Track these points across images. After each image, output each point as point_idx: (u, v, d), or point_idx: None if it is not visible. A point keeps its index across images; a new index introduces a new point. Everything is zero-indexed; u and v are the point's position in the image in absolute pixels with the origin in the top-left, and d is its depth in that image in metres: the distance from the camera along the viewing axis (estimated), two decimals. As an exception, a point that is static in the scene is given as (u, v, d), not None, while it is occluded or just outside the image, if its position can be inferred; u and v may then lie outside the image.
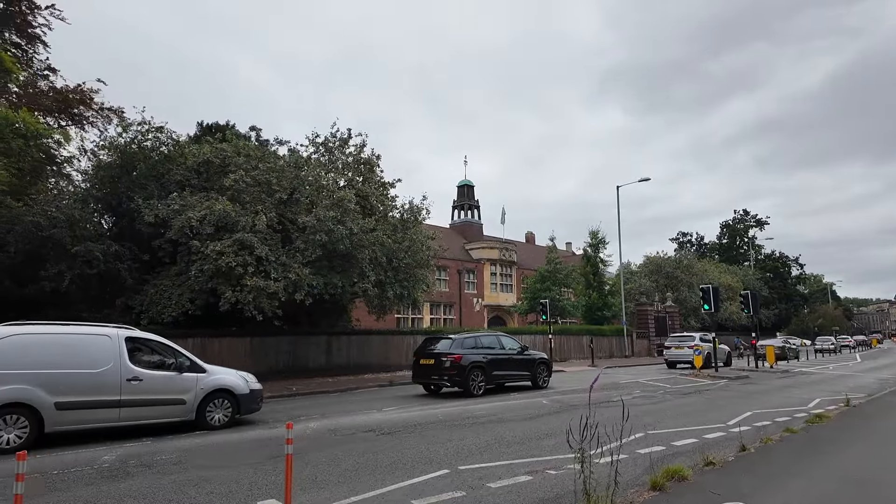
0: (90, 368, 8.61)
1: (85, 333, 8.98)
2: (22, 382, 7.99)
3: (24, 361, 8.11)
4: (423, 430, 8.96)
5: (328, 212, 16.58)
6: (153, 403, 9.15)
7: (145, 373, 9.10)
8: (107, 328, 9.29)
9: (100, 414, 8.63)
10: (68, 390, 8.33)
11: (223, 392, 9.91)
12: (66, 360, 8.46)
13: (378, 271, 18.50)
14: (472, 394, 14.11)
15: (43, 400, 8.07)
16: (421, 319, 43.01)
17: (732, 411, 11.29)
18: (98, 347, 8.82)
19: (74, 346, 8.71)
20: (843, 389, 15.89)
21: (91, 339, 8.89)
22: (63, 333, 8.83)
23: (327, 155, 20.14)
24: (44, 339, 8.53)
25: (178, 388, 9.43)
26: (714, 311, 20.76)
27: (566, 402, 12.68)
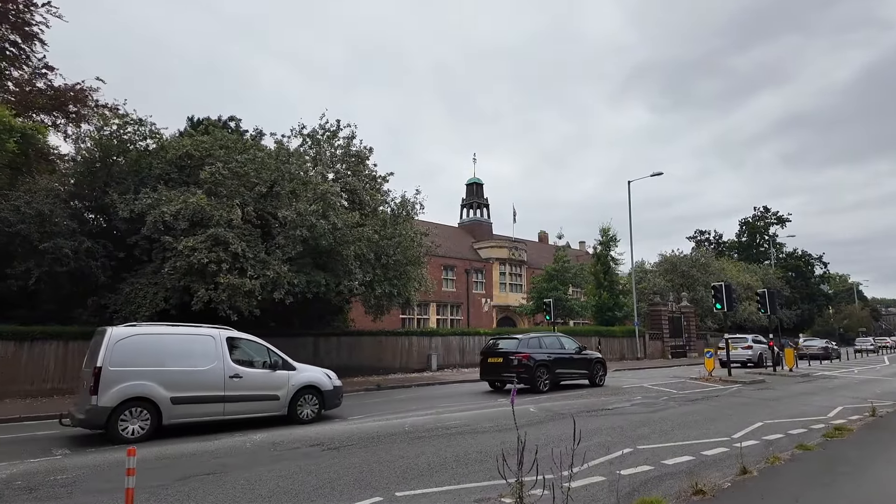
0: (198, 366, 9.33)
1: (192, 334, 9.72)
2: (143, 379, 8.75)
3: (144, 360, 8.88)
4: (378, 444, 7.92)
5: (309, 205, 15.70)
6: (252, 399, 9.80)
7: (244, 370, 9.79)
8: (209, 329, 9.99)
9: (208, 408, 9.35)
10: (181, 386, 9.05)
11: (311, 388, 10.62)
12: (178, 359, 9.21)
13: (366, 269, 17.56)
14: (539, 390, 15.04)
15: (161, 395, 8.81)
16: (427, 320, 42.05)
17: (741, 422, 10.05)
18: (203, 347, 9.56)
19: (184, 345, 9.46)
20: (868, 396, 14.48)
21: (197, 339, 9.63)
22: (174, 334, 9.59)
23: (315, 147, 19.27)
24: (159, 340, 9.31)
25: (272, 385, 10.12)
26: (727, 310, 19.38)
27: (556, 409, 11.53)
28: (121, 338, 8.83)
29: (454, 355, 24.14)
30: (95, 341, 9.08)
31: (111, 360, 8.56)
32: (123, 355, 8.71)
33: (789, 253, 58.81)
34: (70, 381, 14.38)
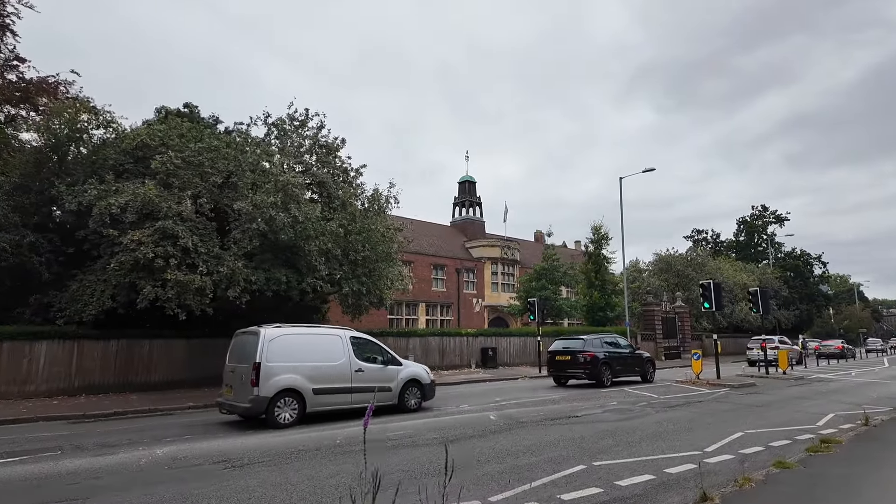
0: (331, 362, 10.75)
1: (323, 334, 11.29)
2: (292, 373, 10.08)
3: (291, 356, 10.21)
4: (294, 460, 6.92)
5: (267, 197, 14.71)
6: (371, 390, 10.70)
7: (365, 365, 11.23)
8: (336, 329, 11.78)
9: (339, 398, 10.73)
10: (319, 379, 10.43)
11: (414, 382, 12.09)
12: (316, 356, 10.61)
13: (333, 265, 16.57)
14: (603, 384, 16.58)
15: (306, 387, 10.20)
16: (416, 320, 41.06)
17: (719, 432, 9.05)
18: (333, 345, 11.00)
19: (319, 343, 10.89)
20: (864, 401, 13.47)
21: (328, 339, 11.12)
22: (309, 334, 11.10)
23: (281, 137, 18.29)
24: (299, 339, 10.69)
25: (386, 378, 11.57)
26: (715, 309, 18.38)
27: (517, 417, 10.53)
28: (273, 337, 10.20)
29: (433, 357, 23.11)
30: (246, 340, 10.51)
31: (267, 356, 9.90)
32: (275, 352, 10.03)
33: (788, 252, 57.62)
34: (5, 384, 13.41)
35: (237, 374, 10.31)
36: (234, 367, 10.53)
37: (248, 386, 9.71)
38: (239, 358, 10.51)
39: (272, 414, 9.75)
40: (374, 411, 9.32)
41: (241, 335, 10.96)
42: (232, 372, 10.56)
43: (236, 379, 10.29)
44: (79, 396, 14.06)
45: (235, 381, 10.30)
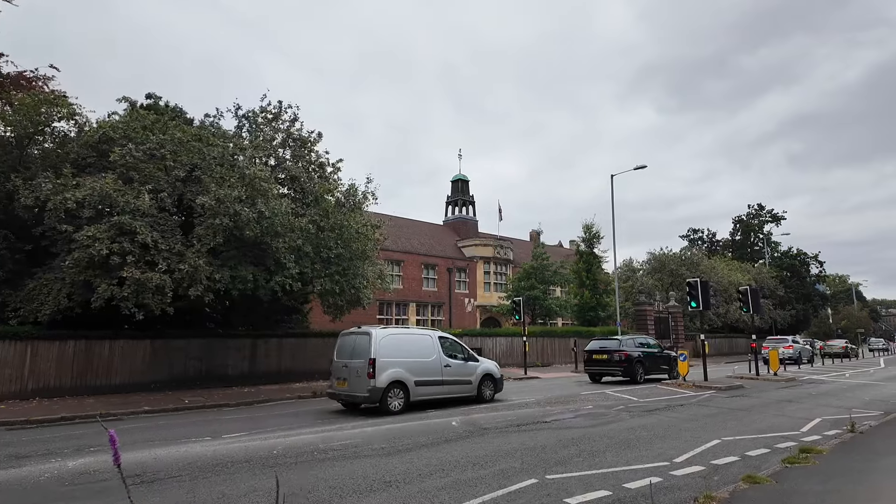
0: (425, 358, 12.41)
1: (417, 333, 13.08)
2: (399, 367, 11.72)
3: (396, 353, 11.81)
4: (213, 475, 6.26)
5: (232, 191, 14.07)
6: (457, 383, 12.93)
7: (451, 361, 12.92)
8: (427, 330, 13.73)
9: (433, 389, 12.43)
10: (419, 373, 12.09)
11: (489, 376, 13.72)
12: (414, 353, 12.23)
13: (304, 263, 15.94)
14: (637, 381, 17.83)
15: (409, 379, 11.83)
16: (406, 320, 40.42)
17: (694, 440, 8.42)
18: (426, 343, 12.69)
19: (415, 342, 12.55)
20: (855, 405, 12.86)
21: (422, 338, 12.86)
22: (407, 334, 12.77)
23: (253, 130, 17.68)
24: (401, 338, 12.30)
25: (467, 372, 13.25)
26: (703, 308, 17.77)
27: (481, 423, 9.88)
28: (382, 337, 11.79)
29: (415, 358, 22.45)
30: (357, 339, 12.00)
31: (379, 353, 11.45)
32: (384, 350, 11.59)
33: (784, 252, 56.83)
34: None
35: (351, 368, 11.72)
36: (346, 363, 11.94)
37: (366, 378, 11.26)
38: (351, 354, 11.97)
39: (385, 402, 11.40)
40: (458, 401, 12.84)
41: (350, 335, 12.47)
42: (345, 367, 11.92)
43: (351, 373, 11.68)
44: (31, 400, 13.40)
45: (350, 374, 11.69)
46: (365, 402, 11.53)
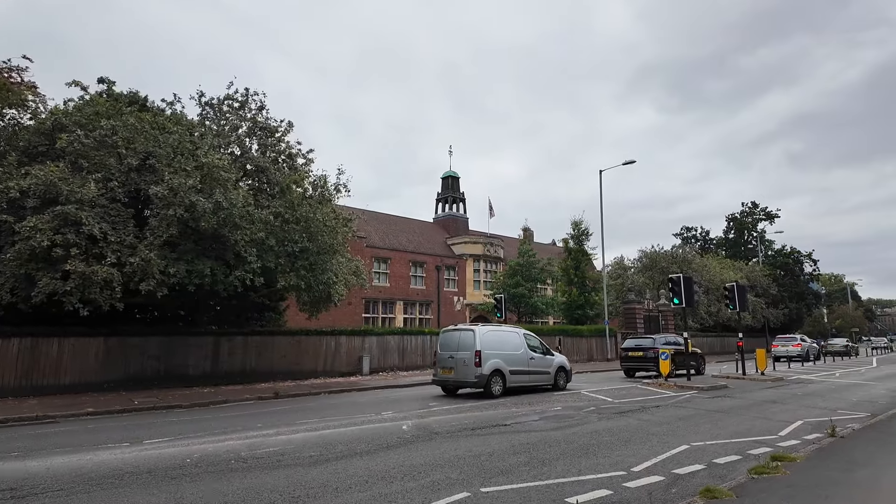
0: (515, 351, 14.50)
1: (508, 331, 15.25)
2: (497, 359, 13.83)
3: (494, 347, 13.98)
4: (99, 489, 5.49)
5: (186, 180, 13.32)
6: (538, 373, 14.90)
7: (534, 354, 14.95)
8: (515, 327, 16.04)
9: (523, 378, 14.42)
10: (512, 363, 14.14)
11: (562, 368, 15.63)
12: (507, 346, 14.38)
13: (267, 257, 15.21)
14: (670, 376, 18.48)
15: (506, 369, 13.90)
16: (393, 319, 39.69)
17: (661, 445, 7.72)
18: (515, 339, 14.87)
19: (507, 338, 14.75)
20: (841, 406, 12.20)
21: (512, 334, 15.05)
22: (500, 330, 15.02)
23: (217, 118, 16.93)
24: (496, 334, 14.56)
25: (546, 364, 15.16)
26: (686, 305, 17.10)
27: (435, 427, 9.16)
28: (484, 332, 14.14)
29: (392, 357, 21.71)
30: (461, 334, 14.29)
31: (482, 346, 13.66)
32: (486, 344, 13.81)
33: (778, 250, 56.24)
34: None
35: (458, 359, 13.87)
36: (451, 355, 14.05)
37: (473, 367, 13.44)
38: (456, 347, 14.07)
39: (489, 387, 13.57)
40: (536, 389, 14.77)
41: (454, 331, 14.72)
42: (450, 358, 14.02)
43: (458, 363, 13.83)
44: (-32, 401, 12.64)
45: (457, 364, 13.85)
46: (472, 387, 13.71)
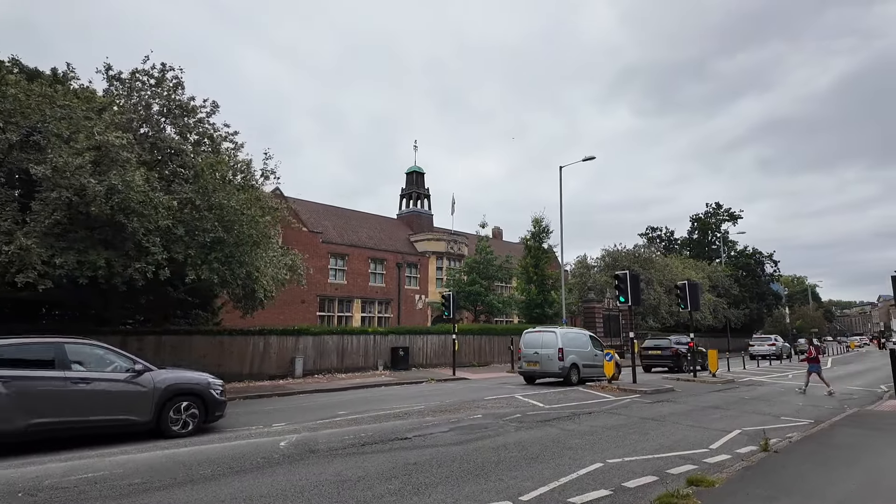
0: (584, 349, 17.97)
1: (578, 332, 18.82)
2: (574, 355, 17.21)
3: (570, 344, 17.30)
4: None
5: (74, 159, 11.78)
6: (592, 367, 17.67)
7: (596, 351, 18.23)
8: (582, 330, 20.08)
9: (590, 371, 17.55)
10: (583, 358, 17.55)
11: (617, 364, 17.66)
12: (578, 344, 17.79)
13: (177, 248, 13.73)
14: (683, 370, 21.67)
15: (579, 363, 17.23)
16: (350, 318, 38.25)
17: (572, 462, 6.67)
18: (583, 338, 18.43)
19: (578, 338, 18.20)
20: (786, 411, 11.42)
21: (581, 335, 18.63)
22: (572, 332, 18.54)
23: (127, 95, 15.34)
24: (571, 335, 17.94)
25: (599, 361, 17.52)
26: (632, 304, 16.26)
27: (316, 442, 7.92)
28: (563, 333, 17.36)
29: (329, 358, 20.32)
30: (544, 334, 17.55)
31: (563, 344, 16.80)
32: (565, 342, 16.93)
33: (740, 251, 56.68)
34: None
35: (542, 354, 16.92)
36: (536, 351, 17.16)
37: (556, 361, 16.53)
38: (540, 345, 17.18)
39: (568, 377, 16.68)
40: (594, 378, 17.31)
41: (535, 332, 18.00)
42: (535, 353, 17.12)
43: (542, 358, 16.87)
44: None
45: (542, 359, 16.90)
46: (555, 377, 16.91)
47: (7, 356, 7.62)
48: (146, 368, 8.70)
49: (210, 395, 9.18)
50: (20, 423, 7.31)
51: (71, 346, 8.32)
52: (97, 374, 8.22)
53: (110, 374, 8.38)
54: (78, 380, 7.94)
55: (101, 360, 8.53)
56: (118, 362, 8.63)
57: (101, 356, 8.59)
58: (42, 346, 8.15)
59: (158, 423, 8.52)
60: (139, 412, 8.35)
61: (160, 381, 8.71)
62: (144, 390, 8.45)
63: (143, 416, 8.40)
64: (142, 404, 8.39)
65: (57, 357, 8.02)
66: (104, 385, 8.18)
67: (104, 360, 8.55)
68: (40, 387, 7.62)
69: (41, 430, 7.53)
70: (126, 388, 8.36)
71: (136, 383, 8.44)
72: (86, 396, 7.95)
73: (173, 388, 8.81)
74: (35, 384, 7.60)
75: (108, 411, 8.18)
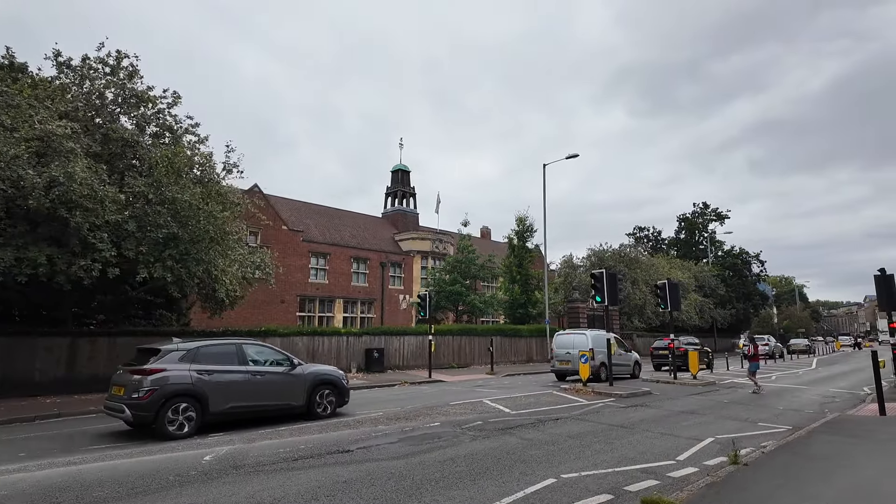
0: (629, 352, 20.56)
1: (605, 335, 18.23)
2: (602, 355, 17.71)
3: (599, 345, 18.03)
4: None
5: (9, 149, 11.02)
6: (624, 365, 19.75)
7: (622, 352, 19.90)
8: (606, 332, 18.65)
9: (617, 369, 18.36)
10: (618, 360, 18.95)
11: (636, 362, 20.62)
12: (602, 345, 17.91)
13: (128, 244, 12.98)
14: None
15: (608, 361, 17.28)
16: (332, 318, 37.48)
17: (522, 479, 6.04)
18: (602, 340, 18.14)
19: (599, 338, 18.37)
20: (764, 416, 10.89)
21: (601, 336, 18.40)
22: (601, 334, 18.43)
23: (79, 83, 14.57)
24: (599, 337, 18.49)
25: (628, 359, 20.13)
26: (608, 304, 15.71)
27: (246, 456, 7.23)
28: (593, 336, 18.59)
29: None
30: (575, 337, 19.17)
31: (593, 345, 17.89)
32: (595, 343, 18.08)
33: (727, 251, 56.45)
34: None
35: (574, 355, 17.81)
36: (568, 351, 18.42)
37: (588, 359, 16.44)
38: (571, 346, 18.40)
39: (598, 375, 17.57)
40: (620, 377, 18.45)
41: (566, 335, 19.81)
42: (567, 353, 18.38)
43: (573, 357, 17.73)
44: None
45: (573, 358, 17.76)
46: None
47: (206, 354, 9.37)
48: (299, 363, 10.66)
49: (342, 385, 11.12)
50: (224, 406, 9.22)
51: (247, 346, 10.21)
52: (267, 368, 10.09)
53: (275, 368, 10.22)
54: (255, 373, 9.81)
55: (267, 356, 10.35)
56: (279, 358, 10.48)
57: (268, 353, 10.46)
58: (228, 346, 9.94)
59: (308, 407, 10.38)
60: (296, 398, 10.26)
61: (308, 374, 10.59)
62: (299, 381, 10.35)
63: (298, 402, 10.29)
64: (297, 392, 10.29)
65: (238, 355, 9.82)
66: (272, 377, 10.06)
67: (269, 357, 10.37)
68: (232, 378, 9.43)
69: (234, 412, 9.42)
70: (286, 379, 10.23)
71: (292, 375, 10.33)
72: (262, 386, 9.83)
73: (318, 379, 10.69)
74: (229, 376, 9.42)
75: (276, 398, 10.06)
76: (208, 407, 8.96)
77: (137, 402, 8.40)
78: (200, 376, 9.01)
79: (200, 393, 8.92)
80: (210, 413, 8.98)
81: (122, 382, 8.83)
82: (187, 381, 8.82)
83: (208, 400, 8.98)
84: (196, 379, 8.93)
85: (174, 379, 8.72)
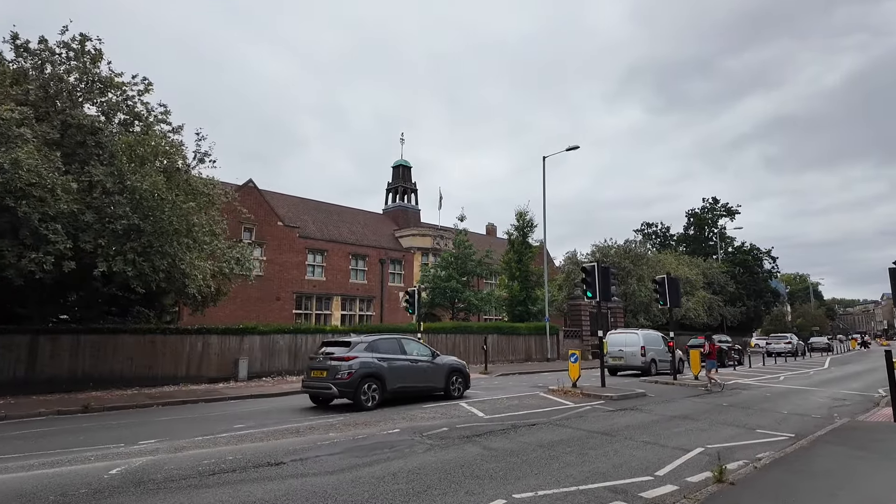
0: (658, 346, 20.75)
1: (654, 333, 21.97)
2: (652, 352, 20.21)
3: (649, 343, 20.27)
4: None
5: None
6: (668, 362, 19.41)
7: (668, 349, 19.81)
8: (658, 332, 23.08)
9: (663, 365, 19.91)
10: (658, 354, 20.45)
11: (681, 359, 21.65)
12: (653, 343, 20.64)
13: (86, 236, 12.27)
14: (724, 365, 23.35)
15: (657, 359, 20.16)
16: (329, 316, 36.81)
17: (464, 500, 5.14)
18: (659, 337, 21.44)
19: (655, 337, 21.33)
20: (765, 423, 9.89)
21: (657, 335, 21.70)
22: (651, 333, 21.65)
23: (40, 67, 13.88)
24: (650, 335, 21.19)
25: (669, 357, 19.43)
26: (601, 299, 14.74)
27: (160, 469, 6.40)
28: (644, 334, 20.76)
29: (280, 360, 18.77)
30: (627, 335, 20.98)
31: (644, 343, 19.99)
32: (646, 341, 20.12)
33: (737, 247, 54.89)
34: None
35: (626, 352, 19.85)
36: (620, 349, 20.10)
37: (639, 357, 19.38)
38: (623, 344, 20.26)
39: (649, 370, 19.43)
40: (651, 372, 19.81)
41: (618, 334, 21.46)
42: (620, 350, 20.08)
43: (627, 354, 19.78)
44: None
45: (626, 355, 19.79)
46: (637, 370, 19.65)
47: (380, 346, 12.03)
48: (438, 354, 13.35)
49: (467, 372, 13.77)
50: (396, 385, 11.87)
51: (403, 340, 13.11)
52: (419, 357, 12.73)
53: (424, 357, 12.85)
54: (413, 360, 12.52)
55: (418, 348, 13.06)
56: (425, 350, 13.17)
57: (418, 346, 13.25)
58: (392, 340, 12.82)
59: (445, 388, 12.88)
60: (438, 382, 12.84)
61: (445, 363, 13.21)
62: (440, 368, 12.94)
63: (440, 384, 12.86)
64: (439, 377, 12.87)
65: (400, 346, 12.53)
66: (423, 364, 12.67)
67: (419, 349, 13.04)
68: (400, 364, 12.11)
69: (402, 391, 12.07)
70: (431, 366, 12.80)
71: (435, 363, 12.92)
72: (418, 371, 12.50)
73: (451, 367, 13.24)
74: (398, 363, 12.09)
75: (427, 380, 12.67)
76: (386, 386, 11.56)
77: (342, 381, 10.97)
78: (381, 363, 11.61)
79: (382, 375, 11.52)
80: (387, 391, 11.57)
81: (322, 367, 11.38)
82: (374, 366, 11.43)
83: (386, 381, 11.57)
84: (378, 364, 11.51)
85: (365, 364, 11.29)
